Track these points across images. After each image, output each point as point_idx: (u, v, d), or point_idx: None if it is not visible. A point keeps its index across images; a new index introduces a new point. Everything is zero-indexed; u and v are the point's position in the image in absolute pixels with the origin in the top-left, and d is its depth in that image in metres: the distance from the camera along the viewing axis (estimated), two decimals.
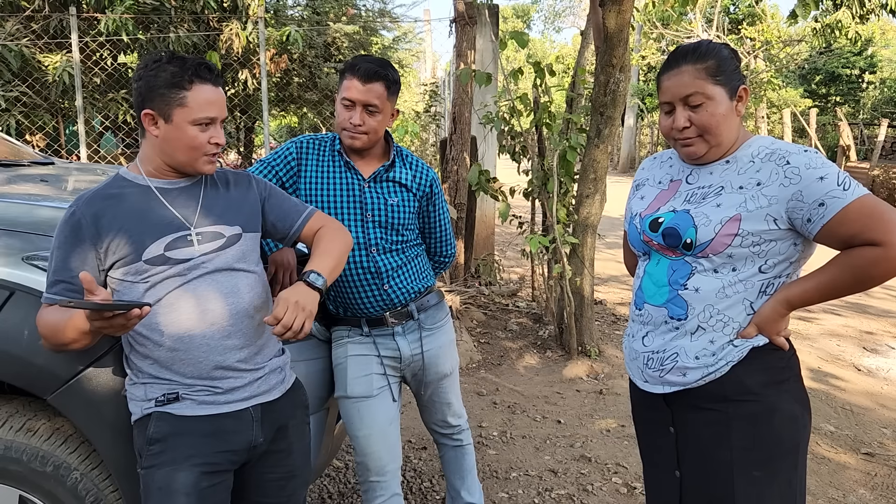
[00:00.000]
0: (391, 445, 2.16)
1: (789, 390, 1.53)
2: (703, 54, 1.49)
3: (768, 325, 1.50)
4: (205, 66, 1.56)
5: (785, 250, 1.48)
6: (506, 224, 5.33)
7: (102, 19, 6.79)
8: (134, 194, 1.59)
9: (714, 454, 1.52)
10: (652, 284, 1.59)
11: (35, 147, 7.84)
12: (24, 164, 2.62)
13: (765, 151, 1.49)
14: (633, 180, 1.79)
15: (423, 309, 2.20)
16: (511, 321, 5.51)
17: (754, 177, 1.48)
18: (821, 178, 1.40)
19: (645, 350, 1.61)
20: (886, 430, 3.66)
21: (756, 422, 1.50)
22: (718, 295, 1.50)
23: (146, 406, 1.59)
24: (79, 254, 1.53)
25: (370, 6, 11.87)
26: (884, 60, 22.95)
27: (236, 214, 1.68)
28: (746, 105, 1.56)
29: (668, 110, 1.54)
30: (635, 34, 20.95)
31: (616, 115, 4.40)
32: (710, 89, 1.47)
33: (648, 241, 1.60)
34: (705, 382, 1.53)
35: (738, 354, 1.51)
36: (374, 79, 1.99)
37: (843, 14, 10.12)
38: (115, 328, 1.38)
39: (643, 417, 1.73)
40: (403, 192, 2.13)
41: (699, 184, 1.56)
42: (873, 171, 13.04)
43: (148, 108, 1.55)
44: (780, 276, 1.51)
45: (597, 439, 3.49)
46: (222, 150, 1.65)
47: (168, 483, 1.54)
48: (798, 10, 6.35)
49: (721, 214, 1.47)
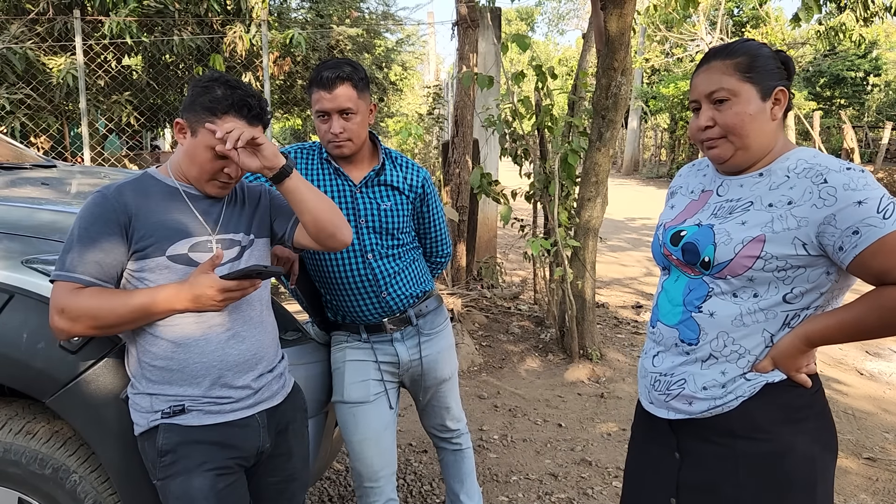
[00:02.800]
0: (385, 451, 2.16)
1: (807, 430, 1.39)
2: (735, 50, 1.38)
3: (785, 361, 1.36)
4: (247, 105, 1.56)
5: (815, 279, 1.33)
6: (507, 227, 5.32)
7: (106, 22, 6.82)
8: (161, 193, 1.62)
9: (720, 489, 1.41)
10: (667, 302, 1.48)
11: (39, 149, 7.87)
12: (25, 168, 2.63)
13: (802, 166, 1.34)
14: (669, 187, 1.67)
15: (421, 315, 2.20)
16: (513, 324, 5.51)
17: (787, 194, 1.33)
18: (859, 203, 1.24)
19: (654, 370, 1.51)
20: (888, 434, 3.65)
21: (766, 462, 1.37)
22: (735, 322, 1.37)
23: (152, 418, 1.59)
24: (108, 236, 1.52)
25: (373, 9, 11.90)
26: (888, 63, 22.88)
27: (249, 222, 1.72)
28: (785, 112, 1.40)
29: (696, 108, 1.44)
30: (639, 37, 20.94)
31: (618, 118, 4.40)
32: (736, 85, 1.35)
33: (668, 255, 1.49)
34: (711, 415, 1.41)
35: (749, 390, 1.38)
36: (338, 83, 1.95)
37: (847, 17, 10.10)
38: (238, 296, 1.55)
39: (646, 435, 1.60)
40: (396, 195, 2.12)
41: (728, 196, 1.43)
42: (877, 174, 13.03)
43: (182, 118, 1.60)
44: (808, 308, 1.35)
45: (598, 443, 3.49)
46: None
47: (185, 491, 1.56)
48: (801, 14, 6.34)
49: (744, 234, 1.34)
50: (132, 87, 8.16)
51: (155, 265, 1.56)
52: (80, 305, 1.48)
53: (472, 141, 6.24)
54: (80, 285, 1.50)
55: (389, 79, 12.21)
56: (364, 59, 10.11)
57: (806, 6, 6.23)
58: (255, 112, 1.57)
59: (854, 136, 14.82)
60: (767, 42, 14.11)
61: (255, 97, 1.58)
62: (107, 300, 1.50)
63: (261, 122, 1.60)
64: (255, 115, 1.57)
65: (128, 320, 1.52)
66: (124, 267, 1.56)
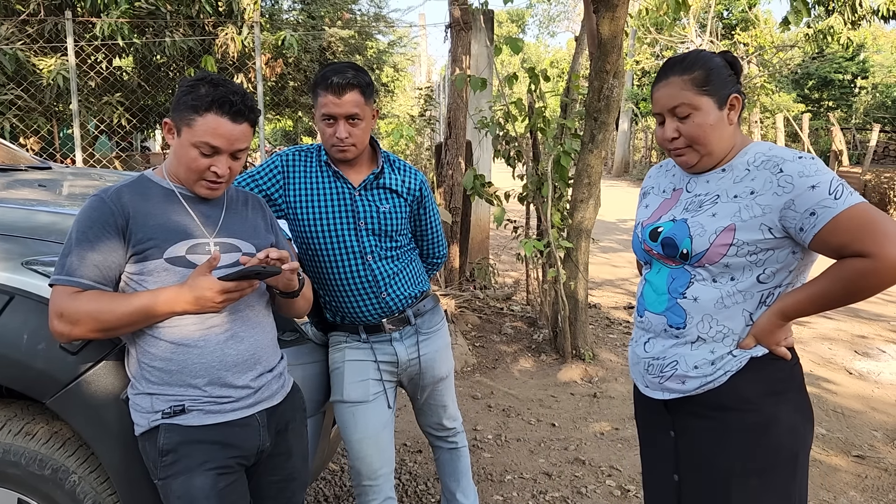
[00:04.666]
0: (384, 450, 2.18)
1: (790, 400, 1.52)
2: (691, 65, 1.49)
3: (766, 336, 1.49)
4: (228, 101, 1.56)
5: (783, 259, 1.47)
6: (501, 228, 5.35)
7: (98, 23, 6.80)
8: (158, 195, 1.63)
9: (712, 460, 1.53)
10: (652, 292, 1.60)
11: (29, 150, 7.84)
12: (21, 169, 2.63)
13: (761, 159, 1.48)
14: (641, 188, 1.79)
15: (419, 314, 2.22)
16: (506, 325, 5.53)
17: (749, 185, 1.46)
18: (813, 187, 1.38)
19: (646, 356, 1.62)
20: (877, 432, 3.69)
21: (754, 432, 1.49)
22: (717, 305, 1.49)
23: (153, 418, 1.59)
24: (107, 239, 1.53)
25: (365, 10, 11.89)
26: (875, 66, 23.10)
27: (252, 233, 1.73)
28: (740, 112, 1.54)
29: (661, 121, 1.55)
30: (629, 39, 21.05)
31: (610, 120, 4.43)
32: (696, 100, 1.47)
33: (649, 251, 1.61)
34: (704, 391, 1.53)
35: (736, 365, 1.51)
36: (348, 89, 1.96)
37: (836, 20, 10.20)
38: (237, 297, 1.57)
39: (646, 420, 1.73)
40: (394, 198, 2.14)
41: (697, 192, 1.56)
42: (865, 175, 13.13)
43: (168, 118, 1.61)
44: (780, 286, 1.49)
45: (591, 442, 3.51)
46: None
47: (186, 490, 1.57)
48: (790, 17, 6.41)
49: (716, 224, 1.46)
50: (123, 88, 8.14)
51: (153, 267, 1.56)
52: (79, 309, 1.49)
53: (466, 143, 6.26)
54: (80, 289, 1.51)
55: (381, 80, 12.23)
56: (356, 60, 10.12)
57: (795, 9, 6.30)
58: (238, 108, 1.57)
59: (842, 138, 14.93)
60: (755, 44, 14.15)
61: (238, 94, 1.58)
62: (107, 303, 1.51)
63: (245, 120, 1.60)
64: (237, 112, 1.57)
65: (128, 323, 1.53)
66: (122, 270, 1.57)
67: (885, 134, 18.22)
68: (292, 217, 2.11)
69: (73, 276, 1.50)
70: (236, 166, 1.64)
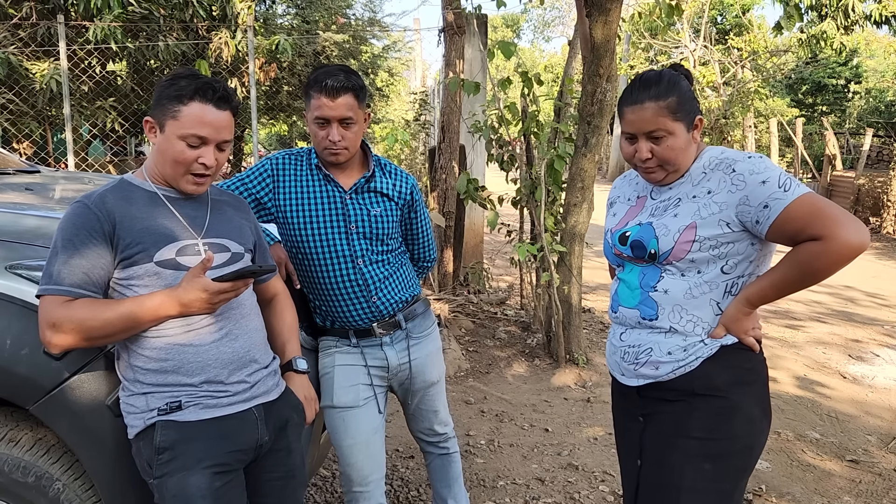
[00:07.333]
0: (374, 455, 2.16)
1: (754, 393, 1.62)
2: (666, 92, 1.56)
3: (734, 325, 1.59)
4: (211, 87, 1.57)
5: (744, 250, 1.57)
6: (494, 232, 5.34)
7: (91, 27, 6.78)
8: (142, 198, 1.61)
9: (672, 441, 1.61)
10: (626, 289, 1.69)
11: (22, 155, 7.81)
12: (8, 173, 2.61)
13: (714, 162, 1.60)
14: (608, 199, 1.88)
15: (410, 318, 2.20)
16: (499, 329, 5.52)
17: (706, 186, 1.59)
18: (763, 182, 1.49)
19: (622, 344, 1.71)
20: (871, 437, 3.69)
21: (717, 416, 1.58)
22: (686, 296, 1.59)
23: (149, 416, 1.57)
24: (93, 245, 1.51)
25: (360, 15, 11.90)
26: (868, 71, 23.21)
27: (240, 235, 1.72)
28: (702, 131, 1.65)
29: (631, 139, 1.63)
30: (623, 44, 21.09)
31: (603, 124, 4.43)
32: (671, 125, 1.56)
33: (620, 254, 1.71)
34: (676, 376, 1.61)
35: (707, 351, 1.60)
36: (342, 92, 1.95)
37: (829, 25, 10.25)
38: (231, 297, 1.57)
39: (619, 409, 1.82)
40: (385, 201, 2.13)
41: (661, 198, 1.67)
42: (859, 179, 13.16)
43: (150, 116, 1.60)
44: (742, 276, 1.60)
45: (584, 447, 3.50)
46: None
47: (182, 489, 1.54)
48: (783, 22, 6.44)
49: (678, 223, 1.57)
50: (116, 92, 8.12)
51: (143, 272, 1.55)
52: (71, 318, 1.46)
53: (459, 147, 6.25)
54: (70, 297, 1.48)
55: (376, 85, 12.23)
56: (350, 65, 10.12)
57: (788, 14, 6.32)
58: (220, 94, 1.58)
59: (836, 143, 14.95)
60: (749, 49, 14.18)
61: (218, 83, 1.59)
62: (99, 311, 1.49)
63: (228, 107, 1.60)
64: (220, 98, 1.58)
65: (120, 329, 1.51)
66: (111, 276, 1.55)
67: (879, 138, 18.28)
68: (282, 221, 2.09)
69: (62, 285, 1.48)
70: (222, 158, 1.63)
